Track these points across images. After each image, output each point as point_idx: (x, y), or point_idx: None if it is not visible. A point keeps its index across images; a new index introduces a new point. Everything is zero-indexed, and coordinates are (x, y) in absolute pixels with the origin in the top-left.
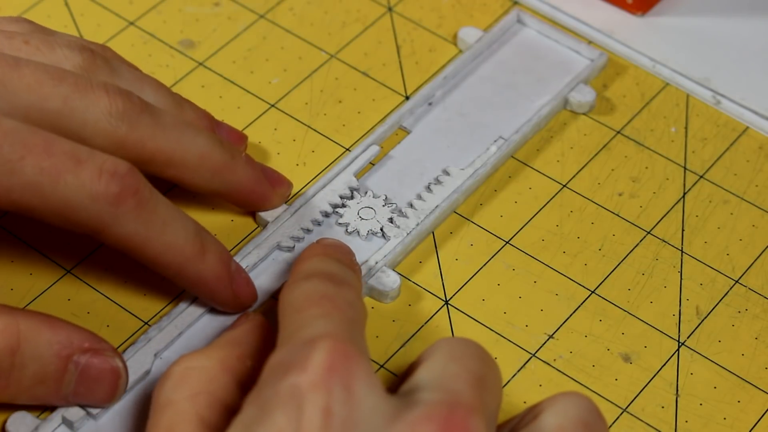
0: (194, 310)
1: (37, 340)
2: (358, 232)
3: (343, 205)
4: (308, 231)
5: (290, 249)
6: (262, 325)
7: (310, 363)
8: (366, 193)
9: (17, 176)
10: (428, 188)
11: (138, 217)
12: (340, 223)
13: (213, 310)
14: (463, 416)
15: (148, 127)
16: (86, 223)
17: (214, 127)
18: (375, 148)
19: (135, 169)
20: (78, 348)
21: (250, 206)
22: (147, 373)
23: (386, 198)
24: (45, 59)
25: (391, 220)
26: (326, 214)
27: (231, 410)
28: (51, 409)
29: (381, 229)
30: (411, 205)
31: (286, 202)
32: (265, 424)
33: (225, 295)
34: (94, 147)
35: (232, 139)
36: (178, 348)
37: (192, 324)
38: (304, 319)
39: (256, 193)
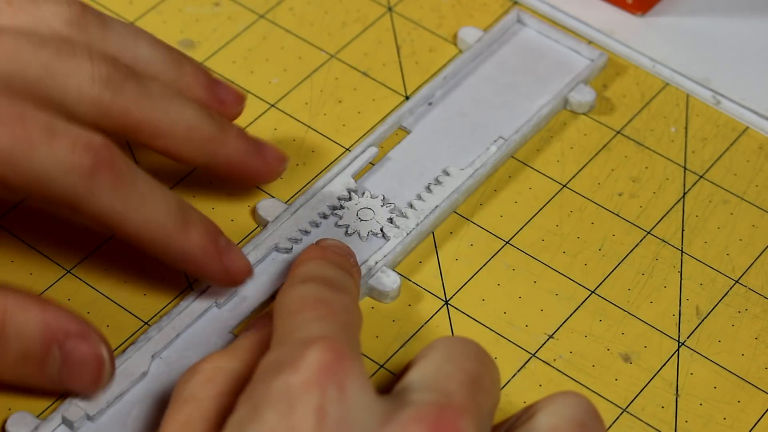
0: (194, 311)
1: (24, 317)
2: (358, 233)
3: (342, 207)
4: (306, 233)
5: (288, 250)
6: None
7: (303, 362)
8: (364, 194)
9: None
10: (428, 188)
11: (114, 190)
12: (339, 225)
13: (212, 311)
14: (453, 417)
15: (133, 95)
16: (60, 196)
17: (212, 85)
18: (373, 150)
19: (111, 143)
20: (62, 331)
21: (243, 180)
22: (144, 374)
23: (384, 198)
24: (30, 18)
25: (390, 220)
26: (324, 216)
27: None
28: (53, 404)
29: (381, 230)
30: (411, 206)
31: (286, 202)
32: (257, 422)
33: (215, 270)
34: (77, 114)
35: (231, 98)
36: (177, 349)
37: (191, 324)
38: (299, 321)
39: (248, 166)
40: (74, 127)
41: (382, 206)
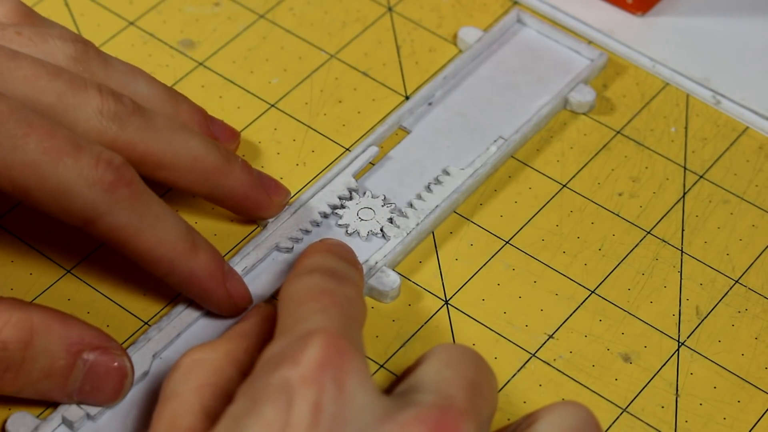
0: (194, 311)
1: (49, 335)
2: (358, 232)
3: (342, 206)
4: (307, 232)
5: (289, 250)
6: (271, 317)
7: (302, 357)
8: (365, 193)
9: (20, 153)
10: (428, 188)
11: (131, 207)
12: (340, 224)
13: (206, 315)
14: (454, 420)
15: (139, 129)
16: (80, 209)
17: (207, 122)
18: (374, 149)
19: (128, 163)
20: (88, 345)
21: (244, 213)
22: (145, 374)
23: (385, 198)
24: (37, 51)
25: (390, 220)
26: (325, 215)
27: None
28: (54, 404)
29: (381, 230)
30: (411, 205)
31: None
32: (254, 416)
33: (219, 295)
34: None
35: (225, 136)
36: (177, 349)
37: (191, 324)
38: (302, 312)
39: (250, 199)
40: (97, 145)
41: (383, 206)
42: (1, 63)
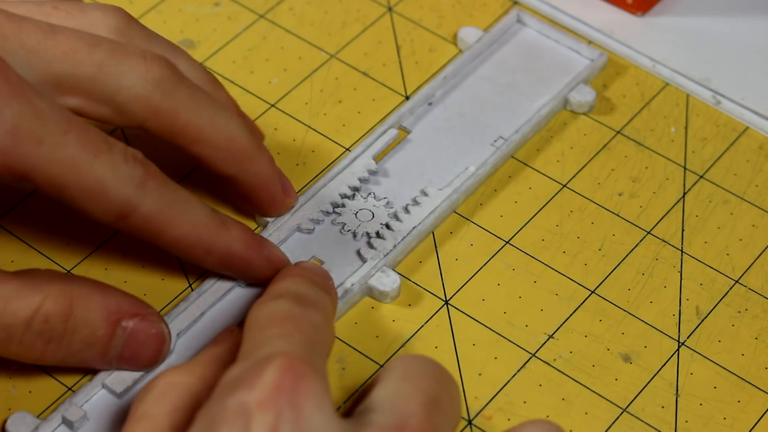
0: (218, 290)
1: (89, 305)
2: (353, 232)
3: (344, 206)
4: (327, 213)
5: (310, 231)
6: None
7: (259, 381)
8: (368, 195)
9: (61, 149)
10: (428, 188)
11: (161, 196)
12: (335, 223)
13: (235, 290)
14: None
15: (183, 100)
16: (116, 204)
17: (239, 114)
18: (394, 132)
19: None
20: (126, 313)
21: (257, 203)
22: (170, 352)
23: (385, 199)
24: (77, 23)
25: (391, 218)
26: (345, 197)
27: None
28: (58, 397)
29: (382, 227)
30: (410, 206)
31: (297, 192)
32: None
33: (259, 262)
34: (126, 112)
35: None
36: (201, 327)
37: (215, 304)
38: (264, 337)
39: (268, 191)
40: (120, 142)
41: (385, 206)
42: (39, 41)
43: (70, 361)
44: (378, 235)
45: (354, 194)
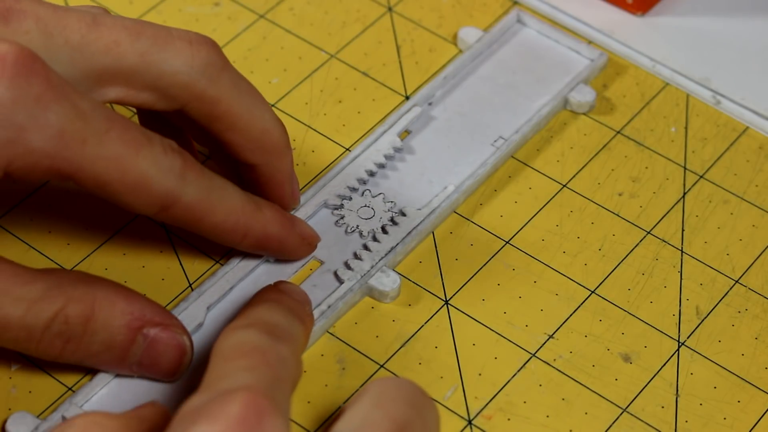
0: (247, 264)
1: (112, 309)
2: (360, 232)
3: (342, 206)
4: (354, 189)
5: (337, 207)
6: (166, 415)
7: (222, 414)
8: (364, 193)
9: (105, 147)
10: (427, 188)
11: (200, 185)
12: (336, 221)
13: (263, 265)
14: None
15: (227, 86)
16: (159, 196)
17: None
18: (418, 109)
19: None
20: (149, 321)
21: (271, 197)
22: (200, 325)
23: (385, 197)
24: None
25: (391, 219)
26: (371, 173)
27: None
28: (58, 397)
29: (382, 228)
30: (410, 205)
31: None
32: None
33: (293, 240)
34: (168, 97)
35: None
36: (231, 300)
37: (244, 278)
38: (229, 369)
39: (284, 187)
40: (156, 134)
41: (385, 204)
42: (83, 35)
43: (89, 361)
44: (383, 230)
45: (379, 169)
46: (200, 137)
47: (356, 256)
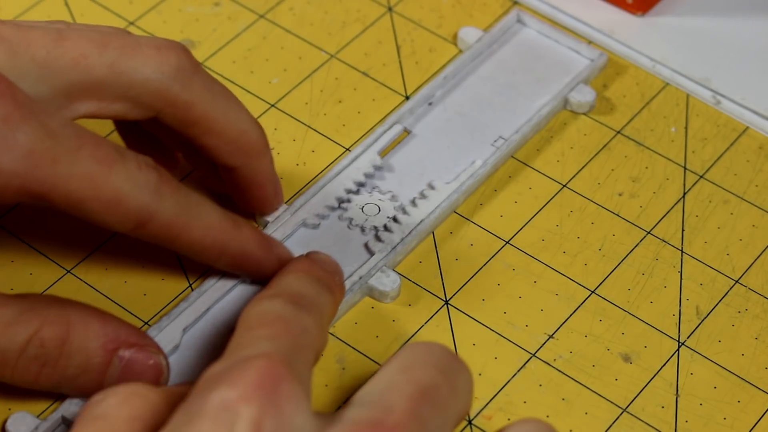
0: (222, 286)
1: (86, 332)
2: (362, 228)
3: (349, 200)
4: (333, 209)
5: (315, 226)
6: None
7: (241, 379)
8: (372, 189)
9: (76, 165)
10: (428, 188)
11: (176, 201)
12: (342, 218)
13: (234, 289)
14: None
15: (200, 91)
16: (135, 213)
17: None
18: (399, 127)
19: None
20: (124, 342)
21: (254, 199)
22: (176, 347)
23: (391, 192)
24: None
25: (393, 218)
26: (350, 192)
27: None
28: (61, 397)
29: (384, 226)
30: (411, 205)
31: (286, 202)
32: None
33: (270, 261)
34: (140, 106)
35: None
36: (206, 322)
37: (219, 300)
38: (251, 337)
39: (266, 190)
40: (130, 151)
41: (389, 200)
42: (48, 51)
43: (65, 386)
44: (386, 228)
45: (359, 189)
46: (178, 145)
47: (368, 249)
